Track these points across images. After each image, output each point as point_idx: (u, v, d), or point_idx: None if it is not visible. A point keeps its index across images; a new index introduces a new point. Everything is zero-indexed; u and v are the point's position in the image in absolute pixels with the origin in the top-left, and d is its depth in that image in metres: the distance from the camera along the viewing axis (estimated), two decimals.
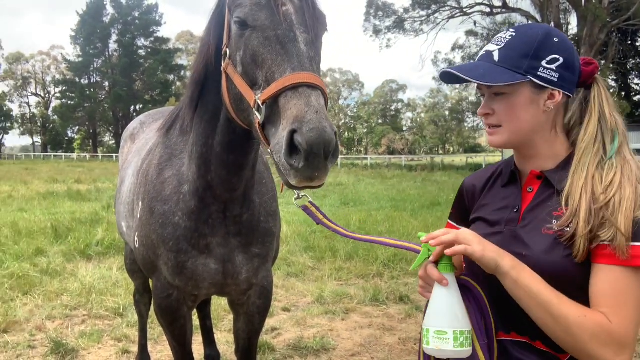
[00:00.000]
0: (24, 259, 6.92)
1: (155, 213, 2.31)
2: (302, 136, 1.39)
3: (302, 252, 7.63)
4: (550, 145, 1.51)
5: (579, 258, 1.36)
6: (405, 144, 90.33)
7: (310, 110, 1.43)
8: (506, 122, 1.49)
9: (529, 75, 1.44)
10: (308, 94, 1.48)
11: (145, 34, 75.99)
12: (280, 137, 1.46)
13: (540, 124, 1.48)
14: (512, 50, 1.47)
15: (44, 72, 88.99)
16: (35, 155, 70.58)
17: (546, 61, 1.44)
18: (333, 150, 1.44)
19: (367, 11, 38.30)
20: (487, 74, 1.46)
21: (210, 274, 2.30)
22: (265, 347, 4.21)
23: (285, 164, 1.45)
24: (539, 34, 1.47)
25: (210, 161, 2.12)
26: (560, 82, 1.45)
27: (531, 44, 1.45)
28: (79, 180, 23.31)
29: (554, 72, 1.44)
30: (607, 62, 33.15)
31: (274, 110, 1.53)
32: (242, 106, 1.75)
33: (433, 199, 14.84)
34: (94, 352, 4.23)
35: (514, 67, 1.45)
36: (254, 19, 1.66)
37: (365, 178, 25.91)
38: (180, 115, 2.31)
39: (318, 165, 1.42)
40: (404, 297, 5.56)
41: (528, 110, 1.47)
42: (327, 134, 1.40)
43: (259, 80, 1.63)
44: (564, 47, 1.47)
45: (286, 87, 1.50)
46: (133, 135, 3.66)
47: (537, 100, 1.46)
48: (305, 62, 1.57)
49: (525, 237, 1.46)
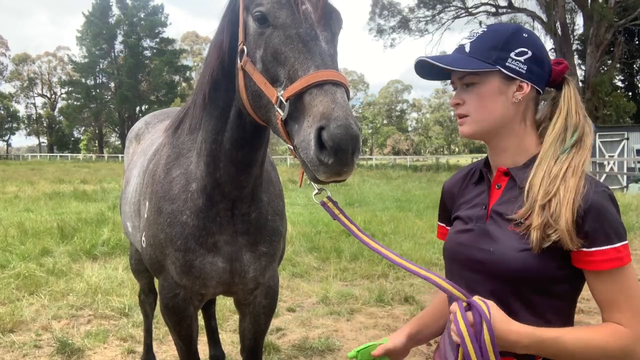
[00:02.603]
0: (30, 259, 6.95)
1: (163, 212, 2.32)
2: (330, 133, 1.42)
3: (307, 252, 7.63)
4: (519, 139, 1.53)
5: (535, 249, 1.38)
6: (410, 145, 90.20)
7: (337, 107, 1.47)
8: (474, 112, 1.52)
9: (498, 65, 1.47)
10: (333, 91, 1.51)
11: (151, 34, 76.18)
12: (307, 134, 1.49)
13: (508, 116, 1.50)
14: (482, 43, 1.51)
15: (50, 72, 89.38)
16: (42, 156, 70.90)
17: (515, 53, 1.47)
18: (358, 147, 1.49)
19: (372, 10, 38.28)
20: (457, 62, 1.51)
21: (217, 272, 2.30)
22: (270, 348, 4.21)
23: (314, 160, 1.48)
24: (509, 29, 1.52)
25: (219, 158, 2.14)
26: (529, 74, 1.48)
27: (500, 37, 1.49)
28: (85, 180, 23.41)
29: (522, 64, 1.47)
30: (613, 62, 32.97)
31: (298, 107, 1.55)
32: (261, 103, 1.76)
33: (438, 200, 14.74)
34: (99, 352, 4.24)
35: (483, 57, 1.48)
36: (274, 18, 1.69)
37: (370, 178, 25.88)
38: (189, 114, 2.32)
39: (346, 160, 1.46)
40: (409, 297, 5.55)
41: (496, 100, 1.49)
42: (353, 130, 1.44)
43: (280, 77, 1.66)
44: (533, 42, 1.50)
45: (311, 85, 1.53)
46: (138, 135, 3.67)
47: (505, 90, 1.48)
48: (327, 59, 1.60)
49: (492, 234, 1.50)
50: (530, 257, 1.40)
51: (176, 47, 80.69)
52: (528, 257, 1.40)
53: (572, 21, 33.96)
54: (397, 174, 30.51)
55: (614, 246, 1.34)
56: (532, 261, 1.40)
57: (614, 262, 1.34)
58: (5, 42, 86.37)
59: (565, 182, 1.38)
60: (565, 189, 1.37)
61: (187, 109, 2.39)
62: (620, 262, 1.35)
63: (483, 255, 1.49)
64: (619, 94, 35.57)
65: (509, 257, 1.43)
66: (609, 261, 1.34)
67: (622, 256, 1.35)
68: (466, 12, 36.14)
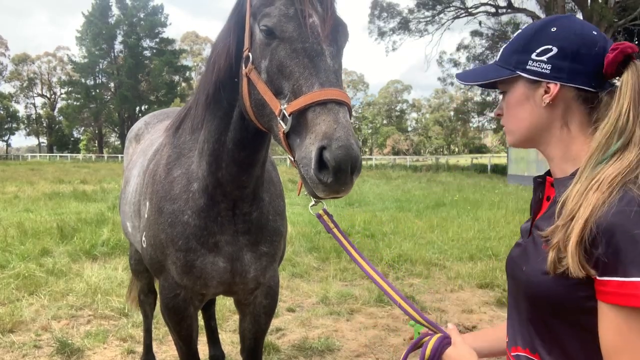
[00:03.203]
0: (29, 259, 6.96)
1: (164, 212, 2.32)
2: (332, 153, 1.46)
3: (306, 252, 7.64)
4: (564, 145, 1.35)
5: (551, 272, 1.21)
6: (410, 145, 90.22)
7: (339, 127, 1.50)
8: (507, 122, 1.45)
9: (518, 70, 1.36)
10: (336, 110, 1.54)
11: (151, 35, 76.13)
12: (308, 152, 1.52)
13: (542, 122, 1.36)
14: (509, 47, 1.41)
15: (50, 73, 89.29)
16: (41, 156, 70.88)
17: (536, 53, 1.34)
18: (358, 167, 1.52)
19: (372, 12, 38.23)
20: (477, 74, 1.44)
21: (218, 272, 2.31)
22: (270, 348, 4.21)
23: (314, 178, 1.52)
24: (535, 26, 1.38)
25: (221, 158, 2.15)
26: (555, 73, 1.31)
27: (524, 38, 1.38)
28: (85, 180, 23.41)
29: (545, 63, 1.32)
30: None
31: (300, 122, 1.58)
32: (264, 112, 1.78)
33: (438, 200, 14.81)
34: (99, 352, 4.24)
35: (505, 63, 1.39)
36: (281, 30, 1.70)
37: (370, 178, 25.88)
38: (191, 114, 2.33)
39: (345, 180, 1.50)
40: (409, 297, 5.55)
41: (523, 106, 1.38)
42: (354, 151, 1.48)
43: (284, 90, 1.68)
44: (562, 35, 1.32)
45: (315, 102, 1.55)
46: (138, 136, 3.67)
47: (532, 95, 1.36)
48: (331, 77, 1.63)
49: (528, 251, 1.36)
50: (553, 282, 1.22)
51: (176, 47, 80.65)
52: (551, 282, 1.23)
53: None
54: (397, 174, 30.51)
55: (631, 280, 1.07)
56: (555, 287, 1.22)
57: (624, 298, 1.08)
58: (5, 42, 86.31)
59: (587, 199, 1.17)
60: (585, 207, 1.17)
61: (188, 108, 2.39)
62: (632, 301, 1.08)
63: (520, 275, 1.36)
64: None
65: (534, 279, 1.29)
66: (618, 296, 1.09)
67: (638, 294, 1.07)
68: (466, 13, 36.12)
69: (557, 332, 1.27)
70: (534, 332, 1.33)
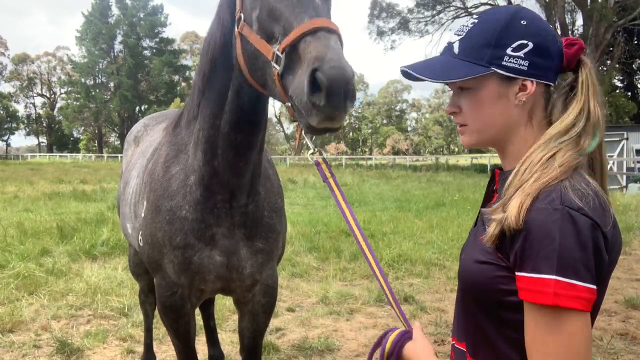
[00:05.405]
0: (29, 259, 6.95)
1: (161, 210, 2.32)
2: (324, 73, 1.42)
3: (306, 252, 7.64)
4: (523, 142, 1.29)
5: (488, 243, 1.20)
6: (410, 145, 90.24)
7: (330, 51, 1.47)
8: (472, 121, 1.32)
9: (493, 66, 1.25)
10: (327, 37, 1.53)
11: (151, 34, 76.21)
12: (301, 80, 1.49)
13: (512, 121, 1.28)
14: (472, 40, 1.28)
15: (50, 72, 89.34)
16: (41, 156, 70.87)
17: (512, 48, 1.24)
18: (351, 92, 1.47)
19: (371, 12, 38.29)
20: (443, 70, 1.30)
21: (215, 266, 2.31)
22: (270, 347, 4.21)
23: (307, 103, 1.48)
24: (503, 17, 1.27)
25: (217, 144, 2.14)
26: (532, 70, 1.24)
27: (493, 30, 1.26)
28: (84, 180, 23.41)
29: (523, 59, 1.24)
30: (612, 62, 33.00)
31: (293, 57, 1.56)
32: (258, 63, 1.77)
33: (438, 200, 14.81)
34: (99, 352, 4.24)
35: (475, 58, 1.26)
36: None
37: (369, 178, 25.88)
38: (187, 105, 2.34)
39: (338, 103, 1.45)
40: (409, 297, 5.55)
41: (496, 105, 1.27)
42: (346, 72, 1.43)
43: (275, 34, 1.68)
44: (534, 29, 1.25)
45: (305, 33, 1.54)
46: (137, 138, 3.67)
47: (505, 93, 1.26)
48: (320, 10, 1.62)
49: (470, 240, 1.37)
50: (479, 270, 1.23)
51: (176, 47, 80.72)
52: (478, 270, 1.24)
53: (571, 21, 34.01)
54: (397, 174, 30.50)
55: (540, 276, 1.08)
56: (481, 276, 1.23)
57: (534, 295, 1.09)
58: (5, 42, 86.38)
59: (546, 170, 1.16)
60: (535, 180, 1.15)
61: (185, 104, 2.40)
62: (541, 299, 1.08)
63: (460, 262, 1.37)
64: (618, 94, 35.63)
65: (467, 266, 1.29)
66: (529, 292, 1.10)
67: (547, 292, 1.07)
68: (466, 12, 36.15)
69: (481, 324, 1.27)
70: (462, 321, 1.35)
